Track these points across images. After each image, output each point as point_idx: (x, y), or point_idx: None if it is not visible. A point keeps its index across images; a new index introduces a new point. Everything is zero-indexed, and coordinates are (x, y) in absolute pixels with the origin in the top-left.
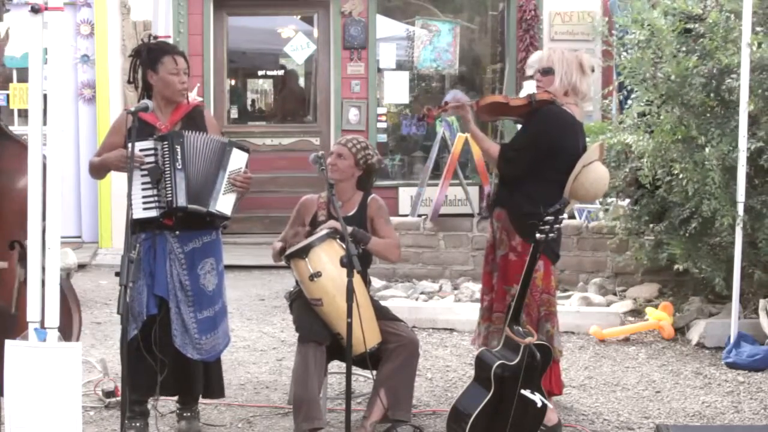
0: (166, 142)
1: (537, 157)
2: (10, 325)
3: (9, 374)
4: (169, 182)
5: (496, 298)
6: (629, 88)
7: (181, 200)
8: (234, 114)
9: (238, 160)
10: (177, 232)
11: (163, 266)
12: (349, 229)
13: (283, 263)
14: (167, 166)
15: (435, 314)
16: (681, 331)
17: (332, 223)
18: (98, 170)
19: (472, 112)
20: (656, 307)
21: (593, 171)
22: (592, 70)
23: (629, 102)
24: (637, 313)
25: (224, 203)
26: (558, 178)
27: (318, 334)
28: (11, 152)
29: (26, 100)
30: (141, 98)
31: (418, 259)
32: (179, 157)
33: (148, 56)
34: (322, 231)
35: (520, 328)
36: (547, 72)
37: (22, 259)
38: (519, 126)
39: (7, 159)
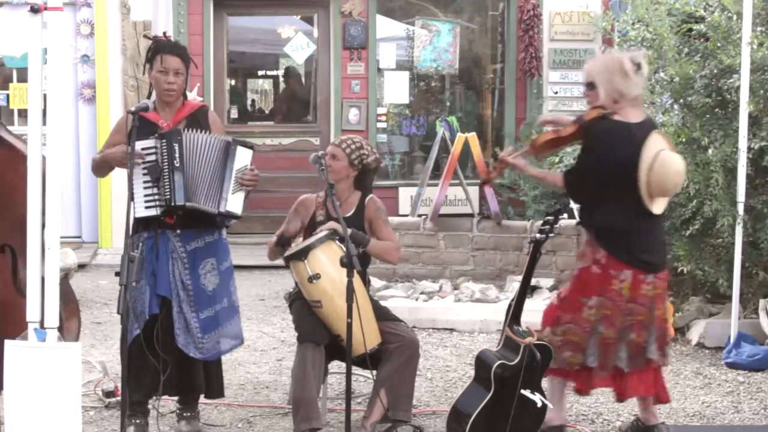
0: (164, 140)
1: (599, 177)
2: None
3: (9, 374)
4: (167, 180)
5: (566, 308)
6: None
7: (179, 198)
8: (234, 114)
9: (243, 157)
10: (178, 231)
11: (166, 266)
12: (349, 231)
13: (282, 263)
14: (165, 164)
15: (435, 314)
16: (681, 331)
17: (332, 224)
18: (100, 167)
19: (527, 157)
20: None
21: (660, 166)
22: (639, 67)
23: None
24: None
25: (234, 203)
26: (630, 188)
27: (317, 335)
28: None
29: (26, 100)
30: (150, 94)
31: (418, 259)
32: (177, 155)
33: (148, 53)
34: (322, 233)
35: (520, 328)
36: (590, 87)
37: (14, 262)
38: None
39: None
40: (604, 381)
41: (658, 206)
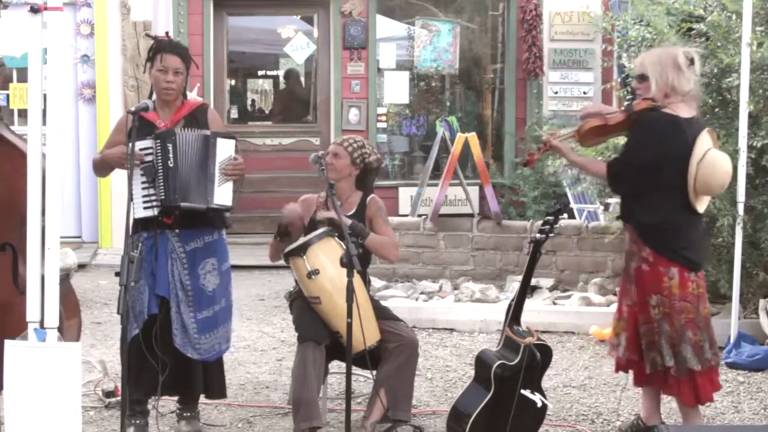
0: (159, 141)
1: (644, 169)
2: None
3: (9, 374)
4: (162, 180)
5: (640, 310)
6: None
7: (174, 198)
8: (234, 114)
9: (225, 149)
10: (177, 231)
11: (165, 266)
12: (348, 221)
13: (282, 263)
14: (160, 164)
15: (435, 314)
16: None
17: (330, 213)
18: (100, 168)
19: (570, 144)
20: None
21: (709, 164)
22: (692, 62)
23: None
24: None
25: (222, 195)
26: (675, 182)
27: (317, 334)
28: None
29: (26, 100)
30: (151, 94)
31: (418, 259)
32: (171, 155)
33: (149, 51)
34: (321, 229)
35: (520, 328)
36: (642, 78)
37: (14, 261)
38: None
39: None
40: (712, 381)
41: (701, 204)
